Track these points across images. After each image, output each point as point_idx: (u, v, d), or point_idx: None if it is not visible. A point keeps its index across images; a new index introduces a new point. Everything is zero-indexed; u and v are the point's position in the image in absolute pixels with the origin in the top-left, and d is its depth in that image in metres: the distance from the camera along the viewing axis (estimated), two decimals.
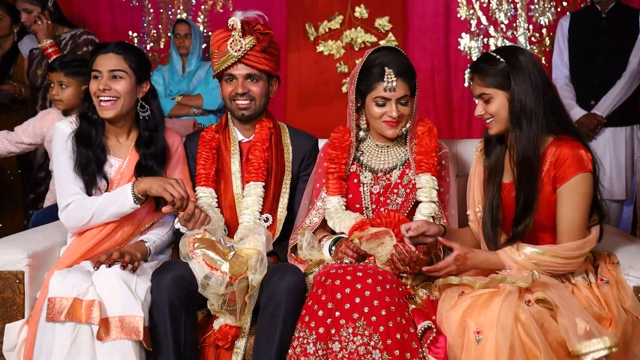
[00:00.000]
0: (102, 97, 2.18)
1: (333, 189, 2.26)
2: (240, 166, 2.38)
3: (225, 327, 2.05)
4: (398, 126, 2.22)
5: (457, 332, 1.83)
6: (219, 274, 2.00)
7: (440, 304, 1.94)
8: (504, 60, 2.00)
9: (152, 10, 4.34)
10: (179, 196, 2.04)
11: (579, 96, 3.62)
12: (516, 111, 1.97)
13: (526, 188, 1.98)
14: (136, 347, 1.92)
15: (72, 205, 2.17)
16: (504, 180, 2.10)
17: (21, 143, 3.00)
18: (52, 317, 1.90)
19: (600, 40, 3.57)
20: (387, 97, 2.18)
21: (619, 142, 3.60)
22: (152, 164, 2.25)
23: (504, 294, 1.81)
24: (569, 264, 1.94)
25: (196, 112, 3.68)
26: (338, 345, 1.87)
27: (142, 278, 2.03)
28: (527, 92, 1.96)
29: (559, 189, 1.96)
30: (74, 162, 2.20)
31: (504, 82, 1.99)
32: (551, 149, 1.98)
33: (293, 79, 4.10)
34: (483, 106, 2.03)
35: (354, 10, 4.09)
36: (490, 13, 4.09)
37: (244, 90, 2.32)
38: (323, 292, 1.95)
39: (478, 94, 2.04)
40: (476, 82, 2.03)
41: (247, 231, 2.14)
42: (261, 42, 2.29)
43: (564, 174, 1.94)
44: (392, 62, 2.17)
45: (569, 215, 1.94)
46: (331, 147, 2.31)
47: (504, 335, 1.73)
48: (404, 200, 2.24)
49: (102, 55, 2.21)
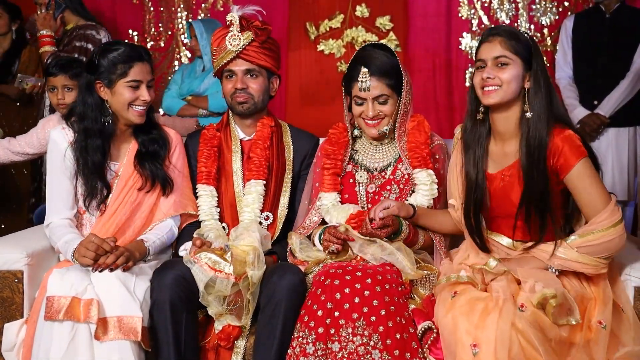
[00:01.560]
0: (139, 106, 2.19)
1: (328, 185, 2.25)
2: (241, 164, 2.38)
3: (228, 328, 2.05)
4: (378, 126, 2.21)
5: (452, 339, 1.81)
6: (224, 275, 2.01)
7: (436, 308, 1.93)
8: (528, 37, 1.98)
9: (152, 9, 4.33)
10: (92, 256, 2.00)
11: (582, 96, 3.62)
12: (535, 91, 1.93)
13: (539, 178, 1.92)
14: (134, 347, 1.92)
15: (51, 226, 2.21)
16: (489, 170, 2.04)
17: (25, 154, 2.90)
18: (50, 316, 1.90)
19: (604, 40, 3.57)
20: (362, 96, 2.18)
21: (622, 143, 3.60)
22: (154, 147, 2.26)
23: (499, 306, 1.79)
24: (609, 233, 1.87)
25: (204, 113, 3.66)
26: (337, 345, 1.86)
27: (140, 278, 2.03)
28: (545, 76, 1.94)
29: (566, 178, 1.93)
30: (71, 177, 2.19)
31: (525, 55, 1.94)
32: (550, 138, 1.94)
33: (294, 78, 4.09)
34: (494, 70, 1.94)
35: (355, 9, 4.08)
36: (492, 13, 4.09)
37: (242, 86, 2.32)
38: (322, 292, 1.94)
39: (497, 55, 1.94)
40: (499, 43, 1.94)
41: (242, 230, 2.14)
42: (259, 36, 2.29)
43: (566, 163, 1.91)
44: (370, 61, 2.16)
45: (588, 199, 1.91)
46: (328, 143, 2.31)
47: (503, 348, 1.71)
48: (398, 196, 2.23)
49: (140, 64, 2.18)
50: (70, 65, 2.75)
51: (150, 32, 4.35)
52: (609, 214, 1.88)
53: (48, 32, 3.51)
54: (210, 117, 3.70)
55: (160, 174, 2.25)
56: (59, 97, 2.73)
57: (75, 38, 3.58)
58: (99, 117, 2.19)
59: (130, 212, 2.23)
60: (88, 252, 2.00)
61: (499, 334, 1.73)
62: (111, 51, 2.18)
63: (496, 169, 2.04)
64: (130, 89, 2.17)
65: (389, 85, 2.17)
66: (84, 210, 2.24)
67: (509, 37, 1.94)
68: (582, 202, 1.92)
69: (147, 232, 2.25)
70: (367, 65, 2.16)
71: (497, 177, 2.03)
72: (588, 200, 1.91)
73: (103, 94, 2.19)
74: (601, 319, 1.85)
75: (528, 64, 1.94)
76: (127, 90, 2.17)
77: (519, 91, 1.95)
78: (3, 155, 2.90)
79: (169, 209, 2.28)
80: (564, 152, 1.91)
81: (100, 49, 2.23)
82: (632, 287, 1.97)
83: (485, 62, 1.96)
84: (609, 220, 1.88)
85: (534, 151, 1.92)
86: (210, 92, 3.67)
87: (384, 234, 2.05)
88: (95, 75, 2.18)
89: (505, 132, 2.01)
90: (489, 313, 1.78)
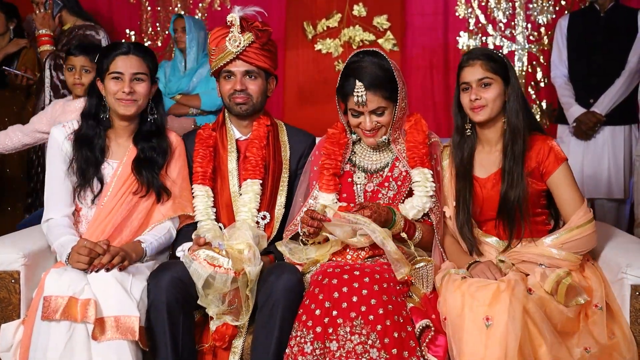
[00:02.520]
0: (123, 98, 2.20)
1: (328, 185, 2.24)
2: (237, 164, 2.38)
3: (222, 328, 2.04)
4: (376, 135, 2.21)
5: (459, 317, 1.86)
6: (223, 270, 2.00)
7: (444, 287, 1.97)
8: (502, 55, 2.19)
9: (149, 8, 4.33)
10: (85, 261, 2.00)
11: (578, 95, 3.63)
12: (514, 103, 2.13)
13: (518, 181, 2.11)
14: (132, 347, 1.91)
15: (50, 223, 2.21)
16: (479, 175, 2.20)
17: (36, 132, 2.96)
18: (47, 316, 1.89)
19: (599, 39, 3.59)
20: (359, 110, 2.17)
21: (618, 141, 3.61)
22: (152, 155, 2.26)
23: (511, 286, 1.86)
24: (585, 229, 2.06)
25: (194, 112, 3.65)
26: (336, 344, 1.86)
27: (137, 278, 2.03)
28: (519, 87, 2.16)
29: (549, 181, 2.14)
30: (67, 167, 2.21)
31: (504, 73, 2.15)
32: (529, 146, 2.14)
33: (291, 77, 4.09)
34: (479, 91, 2.13)
35: (352, 9, 4.08)
36: (489, 12, 4.09)
37: (242, 87, 2.31)
38: (320, 291, 1.94)
39: (480, 77, 2.13)
40: (480, 66, 2.13)
41: (233, 230, 2.13)
42: (260, 38, 2.29)
43: (548, 167, 2.12)
44: (364, 74, 2.13)
45: (567, 198, 2.11)
46: (329, 142, 2.30)
47: (513, 325, 1.79)
48: (396, 193, 2.23)
49: (122, 57, 2.21)
50: (93, 49, 2.85)
51: (147, 31, 4.35)
52: (584, 212, 2.09)
53: (47, 32, 3.51)
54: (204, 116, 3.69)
55: (156, 183, 2.25)
56: (76, 77, 2.87)
57: (75, 38, 3.58)
58: (99, 112, 2.26)
59: (127, 212, 2.23)
60: (81, 257, 2.00)
61: (512, 310, 1.81)
62: (102, 49, 2.28)
63: (487, 174, 2.19)
64: (113, 81, 2.21)
65: (384, 97, 2.16)
66: (80, 207, 2.25)
67: (488, 60, 2.14)
68: (562, 201, 2.12)
69: (145, 233, 2.25)
70: (361, 78, 2.13)
71: (488, 181, 2.18)
72: (567, 199, 2.11)
73: (101, 89, 2.25)
74: (596, 302, 1.99)
75: (506, 80, 2.15)
76: (111, 82, 2.21)
77: (502, 105, 2.15)
78: (15, 138, 2.96)
79: (167, 210, 2.28)
80: (549, 157, 2.12)
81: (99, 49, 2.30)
82: (628, 285, 1.98)
83: (469, 85, 2.15)
84: (585, 217, 2.08)
85: (515, 156, 2.11)
86: (201, 90, 3.66)
87: (361, 213, 2.02)
88: (96, 74, 2.28)
89: (492, 140, 2.20)
90: (501, 292, 1.86)
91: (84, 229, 2.23)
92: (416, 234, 2.16)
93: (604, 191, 3.63)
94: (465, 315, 1.85)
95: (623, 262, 2.02)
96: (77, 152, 2.23)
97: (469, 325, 1.84)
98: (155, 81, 2.32)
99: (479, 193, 2.18)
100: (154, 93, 2.31)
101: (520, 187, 2.10)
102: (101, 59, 2.25)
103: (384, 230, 2.01)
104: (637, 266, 1.99)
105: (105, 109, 2.27)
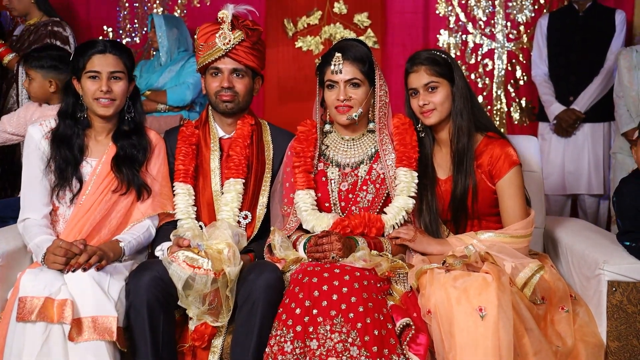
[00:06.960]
0: (101, 98, 2.17)
1: (301, 183, 2.24)
2: (219, 163, 2.36)
3: (201, 327, 2.03)
4: (350, 111, 2.21)
5: (450, 306, 1.86)
6: (202, 271, 1.98)
7: (429, 282, 1.95)
8: (445, 56, 2.20)
9: (127, 5, 4.28)
10: (62, 261, 1.97)
11: (557, 92, 3.68)
12: (458, 102, 2.16)
13: (463, 178, 2.15)
14: (110, 347, 1.89)
15: (26, 222, 2.17)
16: (439, 175, 2.25)
17: (4, 132, 2.95)
18: (22, 317, 1.86)
19: (578, 38, 3.64)
20: (334, 79, 2.20)
21: (597, 138, 3.66)
22: (132, 152, 2.24)
23: (497, 276, 1.87)
24: (519, 241, 2.10)
25: (163, 108, 3.61)
26: (316, 342, 1.85)
27: (115, 277, 2.00)
28: (464, 86, 2.18)
29: (498, 184, 2.16)
30: (45, 166, 2.18)
31: (449, 74, 2.18)
32: (483, 146, 2.17)
33: (272, 75, 4.07)
34: (427, 96, 2.16)
35: (332, 6, 4.08)
36: (469, 10, 4.11)
37: (229, 85, 2.30)
38: (300, 290, 1.93)
39: (426, 83, 2.16)
40: (425, 71, 2.16)
41: (213, 229, 2.12)
42: (250, 37, 2.29)
43: (499, 170, 2.14)
44: (344, 48, 2.22)
45: (510, 205, 2.14)
46: (297, 141, 2.31)
47: (505, 314, 1.81)
48: (375, 196, 2.23)
49: (99, 56, 2.19)
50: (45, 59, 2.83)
51: (125, 28, 4.30)
52: (523, 226, 2.11)
53: None
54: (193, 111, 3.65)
55: (136, 181, 2.23)
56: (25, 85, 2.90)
57: (43, 35, 3.55)
58: (76, 111, 2.24)
59: (105, 211, 2.20)
60: (57, 258, 1.96)
61: (502, 299, 1.82)
62: (78, 47, 2.26)
63: (445, 175, 2.24)
64: (90, 80, 2.19)
65: (361, 71, 2.20)
66: (57, 206, 2.21)
67: (431, 64, 2.17)
68: (503, 208, 2.15)
69: (124, 232, 2.22)
70: (342, 51, 2.21)
71: (447, 182, 2.22)
72: (509, 207, 2.14)
73: (78, 89, 2.23)
74: (563, 305, 2.03)
75: (452, 81, 2.18)
76: (88, 81, 2.19)
77: (451, 106, 2.19)
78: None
79: (147, 209, 2.26)
80: (500, 160, 2.14)
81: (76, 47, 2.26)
82: (605, 281, 2.01)
83: (417, 90, 2.19)
84: (523, 231, 2.11)
85: (460, 156, 2.16)
86: (169, 86, 3.62)
87: (328, 240, 2.03)
88: (72, 72, 2.24)
89: (446, 140, 2.23)
90: (489, 283, 1.86)
91: (62, 228, 2.20)
92: (384, 246, 2.16)
93: (585, 187, 3.68)
94: (455, 309, 1.85)
95: (600, 259, 2.04)
96: (56, 151, 2.19)
97: (462, 317, 1.83)
98: (133, 79, 2.29)
99: (440, 193, 2.22)
100: (132, 91, 2.28)
101: (464, 184, 2.14)
102: (77, 57, 2.22)
103: (352, 254, 2.03)
104: (613, 262, 2.01)
105: (82, 108, 2.24)
